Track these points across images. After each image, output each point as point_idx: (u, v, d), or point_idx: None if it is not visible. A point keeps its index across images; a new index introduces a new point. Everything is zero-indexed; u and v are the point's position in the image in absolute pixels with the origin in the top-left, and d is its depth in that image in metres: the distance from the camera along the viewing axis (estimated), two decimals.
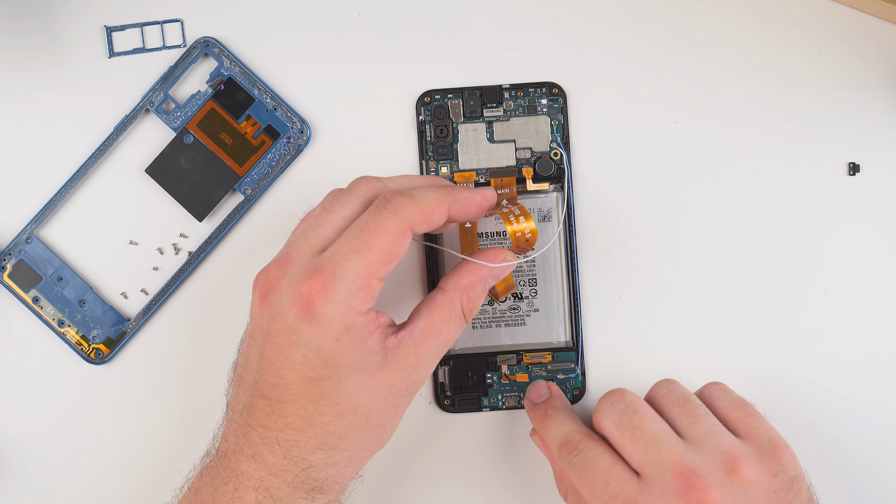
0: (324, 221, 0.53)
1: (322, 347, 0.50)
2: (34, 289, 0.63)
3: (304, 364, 0.50)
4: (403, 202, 0.52)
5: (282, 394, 0.51)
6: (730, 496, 0.51)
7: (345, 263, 0.50)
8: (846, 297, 0.63)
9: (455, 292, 0.54)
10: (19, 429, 0.63)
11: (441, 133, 0.63)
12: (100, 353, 0.63)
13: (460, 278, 0.55)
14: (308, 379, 0.51)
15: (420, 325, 0.53)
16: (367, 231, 0.51)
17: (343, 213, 0.53)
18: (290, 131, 0.63)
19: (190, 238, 0.63)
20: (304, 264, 0.51)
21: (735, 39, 0.63)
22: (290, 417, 0.51)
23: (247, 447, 0.52)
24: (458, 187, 0.54)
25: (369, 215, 0.51)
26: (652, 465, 0.52)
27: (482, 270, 0.55)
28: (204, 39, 0.63)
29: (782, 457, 0.53)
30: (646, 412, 0.54)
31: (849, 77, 0.63)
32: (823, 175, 0.63)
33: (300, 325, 0.50)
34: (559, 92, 0.63)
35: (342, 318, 0.50)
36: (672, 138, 0.63)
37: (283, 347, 0.51)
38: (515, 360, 0.62)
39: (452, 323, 0.54)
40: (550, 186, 0.63)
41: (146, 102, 0.63)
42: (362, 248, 0.50)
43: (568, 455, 0.55)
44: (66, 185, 0.63)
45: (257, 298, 0.52)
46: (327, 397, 0.51)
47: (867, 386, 0.63)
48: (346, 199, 0.53)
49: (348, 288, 0.50)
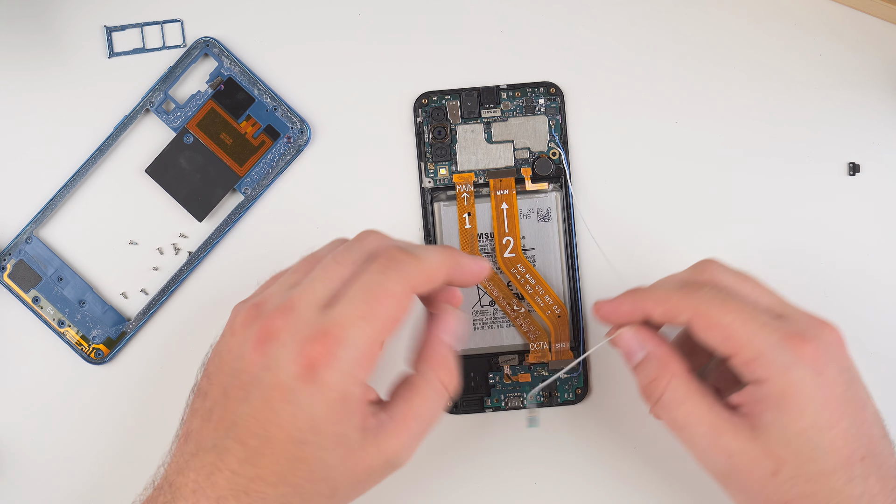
0: (332, 273, 0.51)
1: (314, 412, 0.49)
2: (34, 289, 0.63)
3: (291, 424, 0.49)
4: (409, 264, 0.51)
5: (261, 445, 0.50)
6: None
7: (352, 330, 0.49)
8: (846, 297, 0.63)
9: (430, 371, 0.53)
10: (19, 429, 0.63)
11: (439, 134, 0.63)
12: (100, 353, 0.63)
13: (428, 356, 0.54)
14: (292, 439, 0.49)
15: (399, 409, 0.52)
16: (373, 296, 0.50)
17: (352, 268, 0.52)
18: (290, 131, 0.63)
19: (190, 238, 0.63)
20: (309, 320, 0.50)
21: (735, 39, 0.63)
22: (263, 470, 0.50)
23: (210, 489, 0.50)
24: (461, 252, 0.54)
25: (375, 275, 0.50)
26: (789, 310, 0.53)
27: (447, 339, 0.54)
28: (204, 39, 0.63)
29: None
30: None
31: (849, 77, 0.63)
32: (823, 175, 0.63)
33: (298, 385, 0.49)
34: (557, 92, 0.63)
35: (342, 387, 0.49)
36: (672, 138, 0.63)
37: (274, 402, 0.49)
38: (517, 361, 0.62)
39: (434, 402, 0.53)
40: (549, 186, 0.63)
41: (146, 102, 0.63)
42: (368, 315, 0.49)
43: (699, 290, 0.52)
44: (66, 185, 0.63)
45: (250, 342, 0.51)
46: (305, 462, 0.50)
47: (868, 386, 0.62)
48: (356, 251, 0.52)
49: (353, 356, 0.49)
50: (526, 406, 0.62)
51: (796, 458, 0.50)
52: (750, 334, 0.50)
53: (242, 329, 0.51)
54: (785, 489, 0.51)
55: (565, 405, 0.63)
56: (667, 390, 0.53)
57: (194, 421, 0.52)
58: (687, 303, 0.52)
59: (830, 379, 0.50)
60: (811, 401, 0.50)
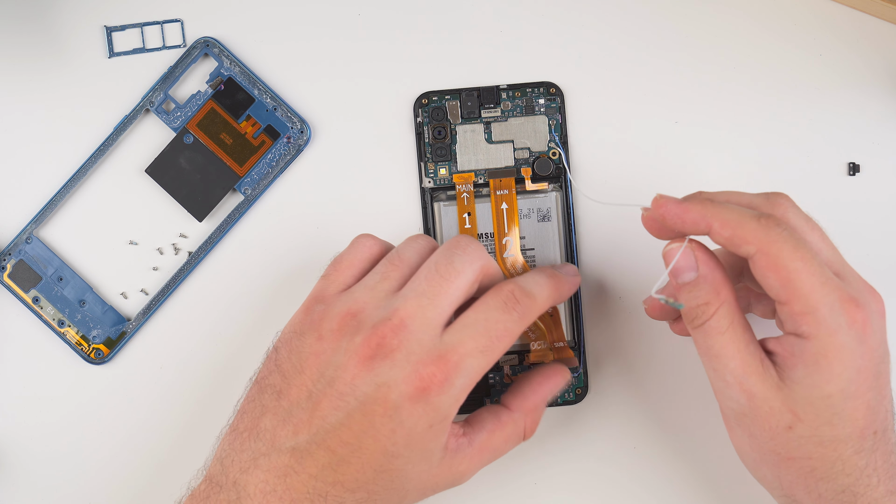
0: (440, 290, 0.52)
1: (414, 430, 0.50)
2: (34, 289, 0.63)
3: (389, 438, 0.50)
4: (529, 306, 0.53)
5: (350, 454, 0.50)
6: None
7: (469, 360, 0.51)
8: None
9: (521, 413, 0.56)
10: (19, 429, 0.63)
11: (439, 134, 0.63)
12: (100, 353, 0.63)
13: (525, 400, 0.56)
14: (385, 452, 0.50)
15: (480, 438, 0.54)
16: (496, 335, 0.51)
17: (459, 283, 0.52)
18: (290, 131, 0.63)
19: (190, 238, 0.63)
20: (425, 343, 0.51)
21: (735, 39, 0.63)
22: (346, 477, 0.50)
23: (284, 491, 0.50)
24: (561, 278, 0.56)
25: (498, 314, 0.52)
26: (848, 269, 0.52)
27: (546, 391, 0.57)
28: (204, 39, 0.63)
29: None
30: None
31: (849, 77, 0.63)
32: (823, 175, 0.63)
33: (405, 404, 0.50)
34: (556, 91, 0.63)
35: (446, 410, 0.51)
36: (672, 138, 0.63)
37: (375, 416, 0.50)
38: (517, 361, 0.62)
39: (511, 442, 0.55)
40: (549, 186, 0.63)
41: (146, 102, 0.63)
42: (488, 350, 0.51)
43: (776, 226, 0.50)
44: (66, 185, 0.63)
45: (356, 355, 0.51)
46: (389, 473, 0.51)
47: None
48: (462, 265, 0.53)
49: (465, 384, 0.51)
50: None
51: (815, 419, 0.50)
52: (812, 287, 0.49)
53: (336, 337, 0.52)
54: (794, 445, 0.51)
55: (565, 405, 0.63)
56: (714, 316, 0.51)
57: (265, 419, 0.52)
58: (758, 235, 0.50)
59: (871, 349, 0.50)
60: (847, 368, 0.49)
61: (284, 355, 0.53)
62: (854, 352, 0.49)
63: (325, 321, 0.52)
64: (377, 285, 0.53)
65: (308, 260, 0.63)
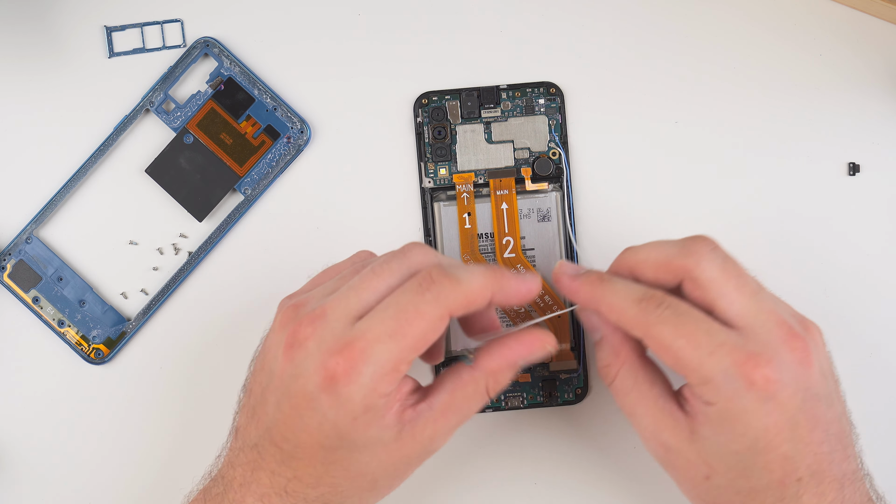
0: (368, 285, 0.51)
1: (338, 423, 0.49)
2: (34, 289, 0.63)
3: (319, 431, 0.50)
4: (448, 287, 0.50)
5: (293, 449, 0.50)
6: (822, 356, 0.51)
7: (377, 346, 0.49)
8: (846, 296, 0.63)
9: (483, 373, 0.52)
10: (19, 429, 0.63)
11: (439, 134, 0.63)
12: (100, 353, 0.63)
13: (491, 359, 0.53)
14: (321, 445, 0.50)
15: (440, 400, 0.52)
16: (405, 315, 0.49)
17: (389, 281, 0.51)
18: (290, 131, 0.63)
19: (190, 238, 0.63)
20: (336, 331, 0.49)
21: (735, 39, 0.63)
22: (300, 472, 0.51)
23: (255, 485, 0.51)
24: (506, 273, 0.52)
25: (410, 295, 0.50)
26: (755, 314, 0.50)
27: (515, 355, 0.53)
28: (204, 39, 0.63)
29: None
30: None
31: (849, 77, 0.63)
32: (823, 175, 0.63)
33: (321, 396, 0.49)
34: (556, 91, 0.63)
35: (363, 401, 0.49)
36: (672, 138, 0.63)
37: (301, 409, 0.50)
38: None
39: (475, 402, 0.53)
40: (549, 186, 0.63)
41: (146, 102, 0.63)
42: (397, 333, 0.49)
43: (655, 309, 0.50)
44: (66, 185, 0.63)
45: (282, 346, 0.51)
46: (339, 464, 0.50)
47: (867, 386, 0.63)
48: (396, 265, 0.51)
49: (375, 372, 0.49)
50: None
51: (728, 472, 0.50)
52: (700, 360, 0.49)
53: (280, 329, 0.52)
54: (715, 494, 0.51)
55: (565, 405, 0.63)
56: (616, 378, 0.53)
57: (242, 417, 0.53)
58: (639, 321, 0.50)
59: (781, 403, 0.49)
60: (751, 428, 0.49)
61: (256, 353, 0.54)
62: (757, 412, 0.49)
63: (279, 314, 0.52)
64: (330, 283, 0.53)
65: (308, 260, 0.62)
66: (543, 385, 0.62)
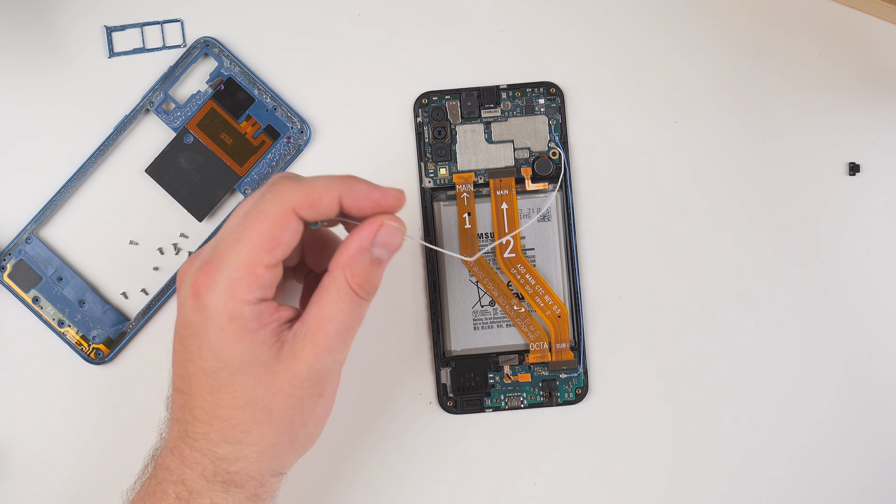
0: (249, 230, 0.51)
1: (210, 338, 0.50)
2: (34, 289, 0.63)
3: (199, 356, 0.50)
4: (286, 185, 0.50)
5: (188, 386, 0.51)
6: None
7: (227, 252, 0.50)
8: (846, 296, 0.63)
9: (338, 270, 0.51)
10: (19, 429, 0.63)
11: (439, 134, 0.63)
12: (100, 353, 0.63)
13: (340, 254, 0.52)
14: (204, 371, 0.50)
15: (311, 313, 0.51)
16: (248, 218, 0.50)
17: (268, 224, 0.51)
18: (290, 131, 0.63)
19: (190, 238, 0.63)
20: (203, 256, 0.51)
21: (735, 39, 0.63)
22: (196, 410, 0.51)
23: (169, 441, 0.52)
24: (361, 180, 0.52)
25: (253, 201, 0.51)
26: None
27: (360, 240, 0.51)
28: (204, 39, 0.63)
29: None
30: None
31: (849, 77, 0.63)
32: (823, 175, 0.63)
33: (194, 317, 0.50)
34: (556, 91, 0.63)
35: (224, 308, 0.49)
36: (672, 138, 0.63)
37: (184, 339, 0.51)
38: (517, 361, 0.62)
39: (343, 302, 0.51)
40: (549, 186, 0.63)
41: (146, 102, 0.63)
42: (243, 236, 0.50)
43: None
44: (66, 185, 0.63)
45: (188, 307, 0.52)
46: (224, 390, 0.50)
47: (867, 385, 0.63)
48: (268, 204, 0.51)
49: (230, 276, 0.49)
50: None
51: None
52: None
53: (181, 306, 0.53)
54: None
55: (565, 405, 0.63)
56: None
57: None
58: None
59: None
60: None
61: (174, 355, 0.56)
62: None
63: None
64: None
65: None
66: (543, 385, 0.62)
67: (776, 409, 0.63)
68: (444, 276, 0.62)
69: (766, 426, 0.63)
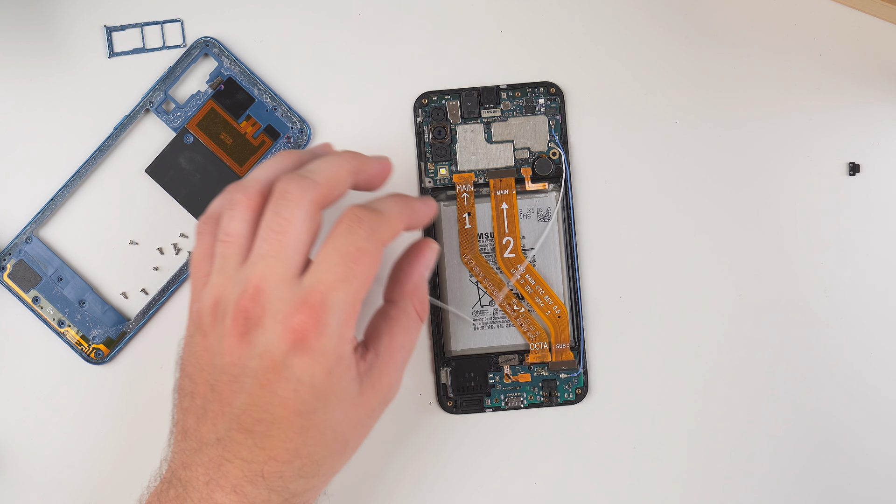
0: (282, 246, 0.51)
1: (315, 381, 0.50)
2: (34, 289, 0.63)
3: (294, 398, 0.50)
4: (375, 220, 0.51)
5: (268, 428, 0.50)
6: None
7: (335, 295, 0.50)
8: (846, 296, 0.63)
9: (405, 300, 0.55)
10: (19, 429, 0.63)
11: (439, 134, 0.63)
12: (100, 353, 0.63)
13: (403, 285, 0.55)
14: (298, 412, 0.50)
15: (383, 344, 0.53)
16: (350, 258, 0.50)
17: (300, 229, 0.51)
18: (290, 131, 0.63)
19: (190, 238, 0.63)
20: (285, 297, 0.50)
21: (735, 39, 0.63)
22: (275, 451, 0.50)
23: (223, 479, 0.51)
24: (412, 198, 0.54)
25: (346, 238, 0.51)
26: None
27: (421, 270, 0.55)
28: (204, 39, 0.63)
29: None
30: None
31: (849, 77, 0.63)
32: (823, 175, 0.63)
33: (292, 360, 0.50)
34: (556, 91, 0.63)
35: (335, 350, 0.50)
36: (672, 138, 0.63)
37: (272, 384, 0.50)
38: (517, 361, 0.62)
39: (412, 331, 0.54)
40: (549, 186, 0.63)
41: (146, 102, 0.63)
42: (349, 277, 0.50)
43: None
44: (67, 185, 0.63)
45: (231, 336, 0.51)
46: (315, 429, 0.51)
47: (867, 385, 0.63)
48: (290, 212, 0.51)
49: (340, 319, 0.50)
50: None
51: None
52: None
53: (213, 327, 0.52)
54: None
55: (565, 405, 0.63)
56: None
57: (188, 419, 0.53)
58: None
59: None
60: None
61: (185, 358, 0.54)
62: None
63: (202, 316, 0.53)
64: (223, 267, 0.52)
65: None
66: (543, 385, 0.62)
67: (776, 409, 0.63)
68: (444, 276, 0.62)
69: (766, 426, 0.63)
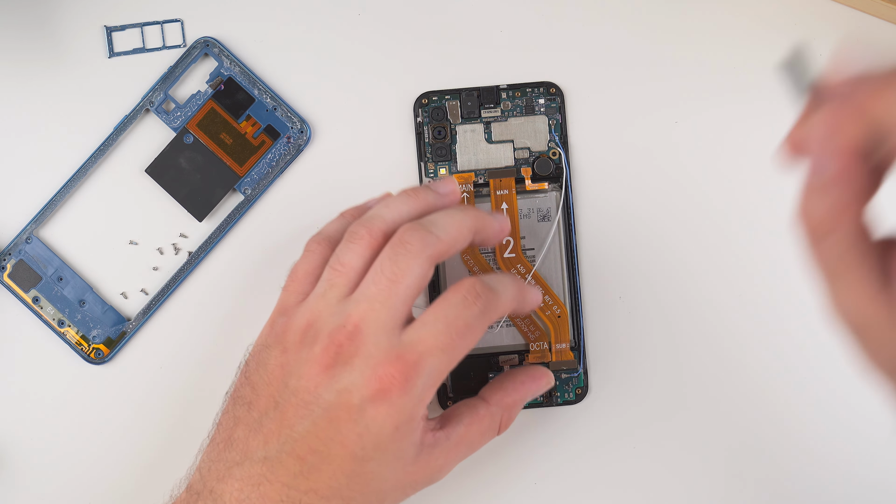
0: (391, 294, 0.51)
1: (382, 432, 0.50)
2: (34, 289, 0.63)
3: (356, 442, 0.50)
4: (492, 300, 0.52)
5: (320, 461, 0.50)
6: None
7: (430, 359, 0.50)
8: None
9: (499, 408, 0.55)
10: (19, 429, 0.63)
11: (439, 134, 0.63)
12: (100, 353, 0.63)
13: (506, 395, 0.56)
14: (354, 456, 0.50)
15: (457, 432, 0.54)
16: (456, 331, 0.50)
17: (411, 283, 0.51)
18: (290, 131, 0.63)
19: (190, 238, 0.63)
20: (382, 344, 0.50)
21: (735, 39, 0.63)
22: (319, 484, 0.50)
23: (258, 499, 0.51)
24: (523, 284, 0.55)
25: (459, 309, 0.51)
26: None
27: (527, 391, 0.57)
28: (204, 39, 0.63)
29: None
30: None
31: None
32: None
33: (368, 407, 0.50)
34: (557, 91, 0.63)
35: (412, 410, 0.50)
36: (672, 138, 0.63)
37: (340, 421, 0.50)
38: (517, 361, 0.62)
39: (487, 436, 0.55)
40: (549, 186, 0.63)
41: (146, 102, 0.63)
42: (449, 347, 0.50)
43: None
44: (66, 185, 0.63)
45: (316, 364, 0.51)
46: (362, 477, 0.51)
47: (868, 385, 0.63)
48: (408, 263, 0.51)
49: (426, 384, 0.50)
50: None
51: None
52: None
53: (298, 348, 0.52)
54: None
55: (565, 405, 0.63)
56: (831, 237, 0.44)
57: (238, 429, 0.53)
58: None
59: None
60: None
61: (253, 367, 0.54)
62: None
63: (288, 333, 0.53)
64: (327, 293, 0.53)
65: None
66: None
67: (777, 409, 0.63)
68: (444, 276, 0.62)
69: (767, 426, 0.63)
